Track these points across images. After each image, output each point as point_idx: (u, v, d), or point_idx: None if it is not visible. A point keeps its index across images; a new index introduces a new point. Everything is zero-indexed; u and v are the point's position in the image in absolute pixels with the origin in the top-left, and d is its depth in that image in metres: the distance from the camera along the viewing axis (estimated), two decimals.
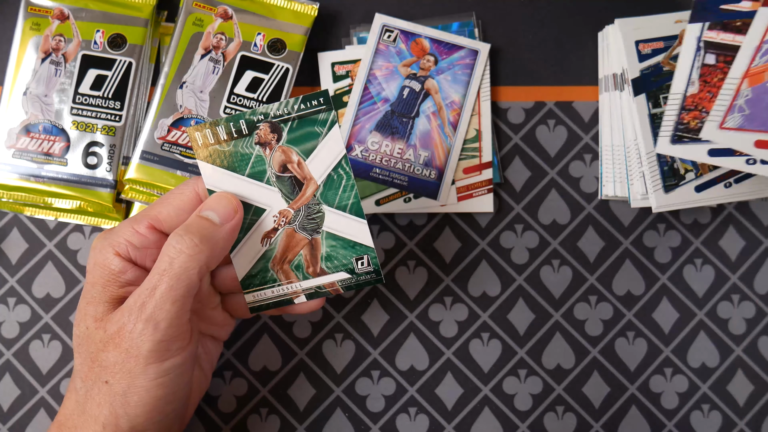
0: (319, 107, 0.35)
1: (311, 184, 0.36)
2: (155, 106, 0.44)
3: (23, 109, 0.44)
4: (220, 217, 0.34)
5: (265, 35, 0.45)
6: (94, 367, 0.34)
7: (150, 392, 0.33)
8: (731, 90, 0.37)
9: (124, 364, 0.33)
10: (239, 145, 0.35)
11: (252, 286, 0.38)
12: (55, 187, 0.44)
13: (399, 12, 0.47)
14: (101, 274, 0.34)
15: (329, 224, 0.37)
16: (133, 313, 0.33)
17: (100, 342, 0.33)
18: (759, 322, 0.46)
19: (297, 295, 0.38)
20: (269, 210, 0.36)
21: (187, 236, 0.33)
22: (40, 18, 0.44)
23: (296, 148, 0.35)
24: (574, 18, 0.48)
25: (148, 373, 0.33)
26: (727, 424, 0.45)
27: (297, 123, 0.35)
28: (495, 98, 0.47)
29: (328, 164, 0.36)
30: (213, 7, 0.45)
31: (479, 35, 0.47)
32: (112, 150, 0.44)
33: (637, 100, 0.43)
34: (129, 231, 0.35)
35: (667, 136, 0.39)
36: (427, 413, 0.45)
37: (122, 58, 0.45)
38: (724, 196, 0.43)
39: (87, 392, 0.34)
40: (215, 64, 0.45)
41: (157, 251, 0.35)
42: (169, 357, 0.34)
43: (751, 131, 0.36)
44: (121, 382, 0.33)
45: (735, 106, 0.37)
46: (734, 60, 0.37)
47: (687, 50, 0.40)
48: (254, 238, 0.37)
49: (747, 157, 0.37)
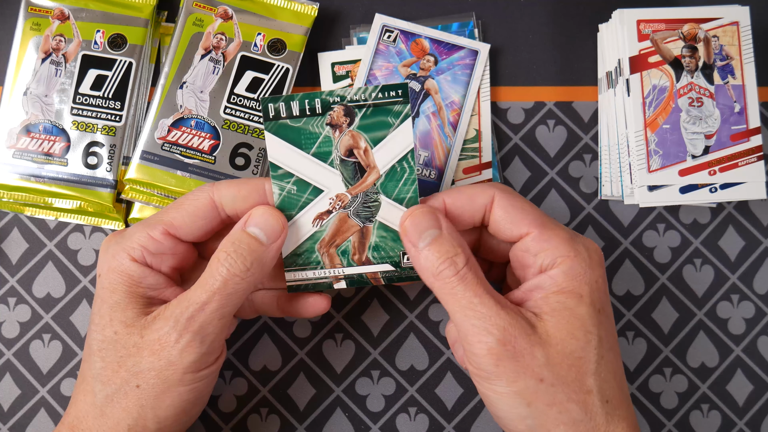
0: (396, 99, 0.35)
1: (374, 172, 0.36)
2: (155, 106, 0.44)
3: (23, 109, 0.44)
4: (267, 236, 0.34)
5: (265, 35, 0.45)
6: (121, 372, 0.34)
7: (182, 396, 0.34)
8: (641, 141, 0.44)
9: (161, 371, 0.33)
10: (310, 122, 0.35)
11: (294, 265, 0.37)
12: (55, 187, 0.44)
13: (399, 12, 0.47)
14: (120, 280, 0.34)
15: (383, 215, 0.37)
16: (180, 325, 0.33)
17: (133, 347, 0.34)
18: (758, 321, 0.46)
19: (338, 279, 0.38)
20: (327, 192, 0.36)
21: (239, 260, 0.33)
22: (41, 18, 0.44)
23: (366, 135, 0.35)
24: (574, 18, 0.49)
25: (185, 380, 0.34)
26: (727, 423, 0.45)
27: (371, 111, 0.35)
28: (495, 98, 0.48)
29: (394, 155, 0.36)
30: (213, 8, 0.45)
31: (479, 35, 0.47)
32: (112, 150, 0.44)
33: (633, 78, 0.44)
34: (144, 236, 0.35)
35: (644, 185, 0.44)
36: (427, 413, 0.45)
37: (122, 58, 0.45)
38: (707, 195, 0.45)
39: (109, 396, 0.34)
40: (215, 65, 0.45)
41: (172, 257, 0.36)
42: (206, 367, 0.35)
43: (671, 165, 0.44)
44: (155, 388, 0.33)
45: (651, 151, 0.43)
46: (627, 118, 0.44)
47: None
48: (306, 218, 0.36)
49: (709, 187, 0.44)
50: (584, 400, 0.33)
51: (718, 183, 0.44)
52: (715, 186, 0.44)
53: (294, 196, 0.36)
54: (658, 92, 0.44)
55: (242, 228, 0.34)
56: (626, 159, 0.44)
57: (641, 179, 0.43)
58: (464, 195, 0.36)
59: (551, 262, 0.35)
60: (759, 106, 0.44)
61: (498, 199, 0.36)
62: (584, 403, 0.33)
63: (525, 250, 0.36)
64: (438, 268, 0.33)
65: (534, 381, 0.33)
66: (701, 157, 0.44)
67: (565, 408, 0.33)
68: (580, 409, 0.33)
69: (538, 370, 0.33)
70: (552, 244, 0.35)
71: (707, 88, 0.44)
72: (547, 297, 0.34)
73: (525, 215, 0.35)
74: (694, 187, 0.44)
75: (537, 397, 0.33)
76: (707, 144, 0.44)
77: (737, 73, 0.44)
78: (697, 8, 0.44)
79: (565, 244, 0.35)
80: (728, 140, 0.44)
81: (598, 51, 0.48)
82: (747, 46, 0.44)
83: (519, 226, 0.35)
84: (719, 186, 0.44)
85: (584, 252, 0.35)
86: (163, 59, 0.45)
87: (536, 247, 0.35)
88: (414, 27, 0.46)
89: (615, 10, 0.45)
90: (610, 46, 0.46)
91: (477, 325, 0.33)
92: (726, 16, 0.44)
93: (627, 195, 0.45)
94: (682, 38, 0.44)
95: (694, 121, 0.44)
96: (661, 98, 0.44)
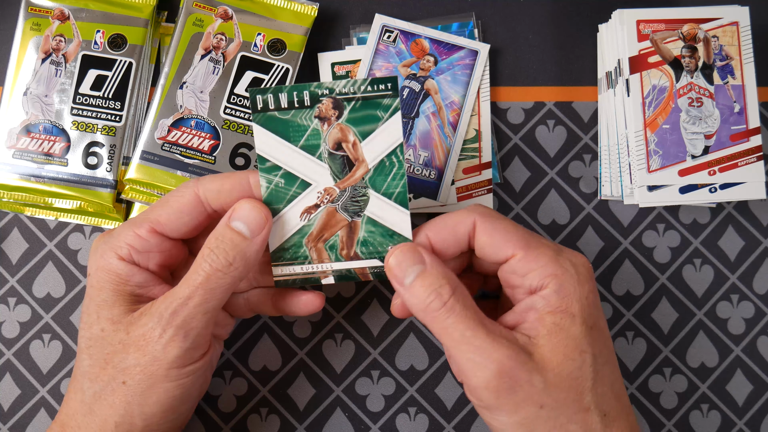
0: (385, 92, 0.35)
1: (362, 166, 0.36)
2: (155, 106, 0.44)
3: (23, 110, 0.44)
4: (250, 229, 0.34)
5: (265, 35, 0.45)
6: (108, 368, 0.34)
7: (168, 393, 0.34)
8: (641, 141, 0.44)
9: (147, 367, 0.33)
10: (298, 115, 0.35)
11: (282, 260, 0.37)
12: (55, 187, 0.44)
13: (399, 12, 0.47)
14: (108, 278, 0.35)
15: (372, 210, 0.36)
16: (163, 320, 0.33)
17: (119, 344, 0.34)
18: (758, 321, 0.46)
19: (326, 275, 0.38)
20: (315, 185, 0.36)
21: (221, 255, 0.33)
22: (41, 18, 0.44)
23: (354, 129, 0.35)
24: (574, 18, 0.49)
25: (170, 376, 0.34)
26: (727, 423, 0.45)
27: (360, 104, 0.35)
28: (494, 98, 0.48)
29: (383, 149, 0.36)
30: (213, 8, 0.45)
31: (479, 35, 0.47)
32: (112, 150, 0.44)
33: (633, 78, 0.44)
34: (131, 235, 0.35)
35: (644, 185, 0.44)
36: (427, 413, 0.45)
37: (122, 58, 0.45)
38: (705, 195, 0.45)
39: (97, 393, 0.34)
40: (215, 65, 0.45)
41: (159, 254, 0.36)
42: (191, 363, 0.35)
43: (670, 165, 0.44)
44: (141, 384, 0.34)
45: (650, 151, 0.44)
46: (627, 118, 0.45)
47: None
48: (294, 212, 0.36)
49: (709, 187, 0.44)
50: (584, 419, 0.33)
51: (717, 183, 0.44)
52: (715, 186, 0.44)
53: (282, 189, 0.36)
54: (657, 92, 0.44)
55: (226, 223, 0.34)
56: (626, 159, 0.44)
57: (641, 179, 0.44)
58: (447, 227, 0.36)
59: (540, 283, 0.35)
60: (759, 106, 0.44)
61: (479, 224, 0.36)
62: (584, 422, 0.33)
63: (512, 272, 0.36)
64: (425, 301, 0.33)
65: (535, 408, 0.33)
66: (701, 157, 0.44)
67: (566, 429, 0.33)
68: (579, 428, 0.33)
69: (538, 398, 0.33)
70: (539, 264, 0.35)
71: (707, 88, 0.44)
72: (542, 318, 0.34)
73: (508, 237, 0.35)
74: (693, 187, 0.44)
75: (539, 424, 0.33)
76: (707, 144, 0.44)
77: (737, 74, 0.44)
78: (696, 8, 0.45)
79: (552, 263, 0.35)
80: (728, 140, 0.44)
81: (598, 51, 0.48)
82: (747, 46, 0.44)
83: (503, 249, 0.35)
84: (719, 186, 0.44)
85: (571, 269, 0.35)
86: (163, 59, 0.45)
87: (523, 269, 0.35)
88: (414, 27, 0.46)
89: (615, 11, 0.45)
90: (610, 47, 0.46)
91: (472, 359, 0.33)
92: (726, 17, 0.44)
93: (627, 195, 0.45)
94: (681, 38, 0.44)
95: (694, 121, 0.44)
96: (660, 98, 0.44)
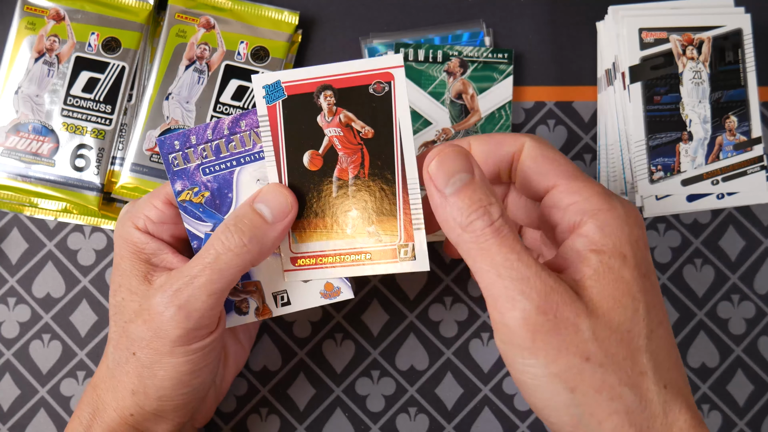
0: (502, 60, 0.45)
1: (476, 114, 0.44)
2: (142, 118, 0.44)
3: (14, 108, 0.44)
4: (273, 214, 0.33)
5: (248, 43, 0.45)
6: (124, 338, 0.34)
7: (176, 368, 0.33)
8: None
9: (151, 341, 0.33)
10: (431, 68, 0.44)
11: None
12: (41, 187, 0.44)
13: (400, 20, 0.47)
14: (126, 248, 0.35)
15: None
16: (166, 296, 0.32)
17: (133, 313, 0.34)
18: (759, 322, 0.46)
19: None
20: (434, 124, 0.44)
21: (237, 234, 0.32)
22: (36, 17, 0.44)
23: (474, 84, 0.44)
24: (574, 18, 0.48)
25: (175, 353, 0.33)
26: (727, 424, 0.45)
27: (481, 66, 0.45)
28: None
29: (495, 103, 0.44)
30: (195, 18, 0.45)
31: (490, 43, 0.46)
32: (100, 153, 0.44)
33: (633, 87, 0.43)
34: (148, 205, 0.35)
35: (651, 196, 0.44)
36: (427, 413, 0.45)
37: (115, 61, 0.44)
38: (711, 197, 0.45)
39: (116, 360, 0.34)
40: (200, 74, 0.44)
41: (173, 225, 0.36)
42: (197, 341, 0.33)
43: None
44: (148, 357, 0.33)
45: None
46: (627, 127, 0.45)
47: None
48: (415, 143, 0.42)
49: (717, 194, 0.44)
50: (638, 385, 0.27)
51: (720, 191, 0.44)
52: (723, 193, 0.44)
53: None
54: None
55: (249, 203, 0.33)
56: (627, 155, 0.44)
57: (644, 190, 0.43)
58: (492, 140, 0.33)
59: (581, 218, 0.30)
60: (759, 106, 0.44)
61: (528, 147, 0.32)
62: (639, 390, 0.27)
63: (552, 205, 0.31)
64: (469, 218, 0.28)
65: (578, 360, 0.27)
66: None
67: (618, 393, 0.27)
68: (634, 396, 0.27)
69: (584, 347, 0.27)
70: (582, 196, 0.30)
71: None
72: (586, 258, 0.29)
73: (555, 166, 0.31)
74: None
75: (582, 380, 0.27)
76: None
77: None
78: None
79: (597, 197, 0.30)
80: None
81: (597, 49, 0.47)
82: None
83: (547, 177, 0.31)
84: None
85: (620, 208, 0.30)
86: (147, 71, 0.45)
87: (565, 200, 0.30)
88: None
89: (610, 6, 0.45)
90: (607, 44, 0.45)
91: (512, 287, 0.27)
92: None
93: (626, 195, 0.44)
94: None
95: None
96: None
